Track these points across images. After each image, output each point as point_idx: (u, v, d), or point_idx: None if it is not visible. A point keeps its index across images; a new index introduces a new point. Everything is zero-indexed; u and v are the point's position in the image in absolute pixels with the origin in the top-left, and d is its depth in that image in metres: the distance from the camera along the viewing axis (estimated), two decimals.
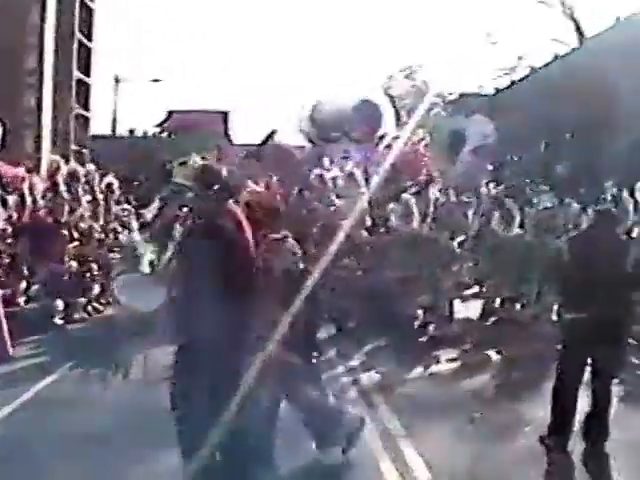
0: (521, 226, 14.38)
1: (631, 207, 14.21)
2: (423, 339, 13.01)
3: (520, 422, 8.31)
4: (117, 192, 16.74)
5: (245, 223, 6.56)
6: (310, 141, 21.94)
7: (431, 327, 13.38)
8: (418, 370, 10.94)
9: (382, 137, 20.82)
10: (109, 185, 16.46)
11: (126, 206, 16.99)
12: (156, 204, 12.83)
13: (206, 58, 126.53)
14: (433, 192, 15.00)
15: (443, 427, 8.20)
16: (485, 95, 55.61)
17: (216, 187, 6.40)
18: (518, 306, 14.12)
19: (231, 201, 6.65)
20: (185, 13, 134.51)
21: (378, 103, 21.02)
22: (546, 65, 49.70)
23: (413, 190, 14.96)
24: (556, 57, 48.82)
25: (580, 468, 7.16)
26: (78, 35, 55.70)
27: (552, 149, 47.05)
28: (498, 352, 11.97)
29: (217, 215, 6.34)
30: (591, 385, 7.49)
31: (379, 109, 20.70)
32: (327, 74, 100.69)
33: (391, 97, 32.86)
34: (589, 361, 7.40)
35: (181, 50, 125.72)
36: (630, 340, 8.95)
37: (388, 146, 19.97)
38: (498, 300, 14.42)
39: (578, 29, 46.36)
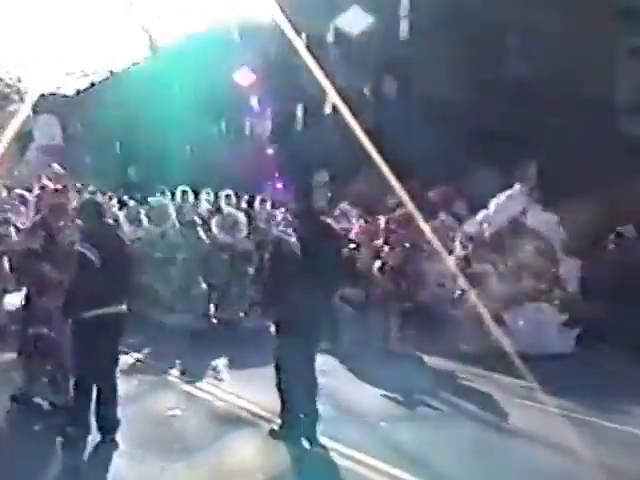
0: None
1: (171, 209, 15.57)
2: None
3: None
4: None
5: None
6: None
7: None
8: None
9: None
10: None
11: None
12: None
13: None
14: None
15: None
16: (66, 96, 55.48)
17: None
18: None
19: None
20: None
21: None
22: (124, 70, 50.98)
23: None
24: (133, 63, 50.26)
25: None
26: None
27: (126, 151, 48.26)
28: None
29: None
30: None
31: None
32: None
33: None
34: None
35: None
36: None
37: None
38: None
39: (150, 39, 47.99)
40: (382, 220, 14.45)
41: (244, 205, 16.66)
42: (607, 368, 12.32)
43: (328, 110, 32.02)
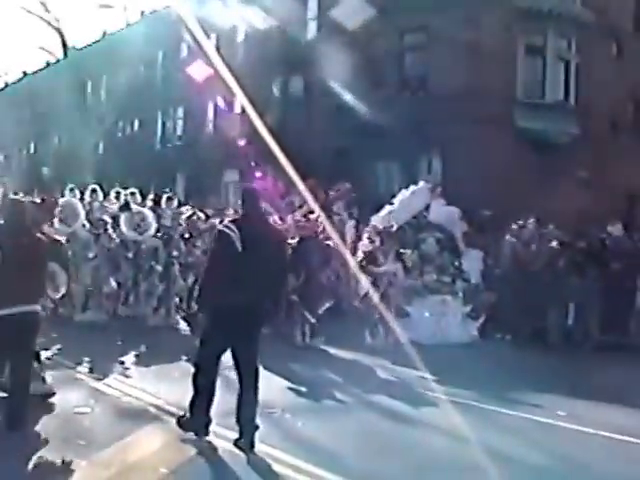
0: None
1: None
2: None
3: None
4: None
5: None
6: None
7: None
8: None
9: None
10: None
11: None
12: None
13: None
14: None
15: None
16: None
17: None
18: None
19: None
20: None
21: None
22: (37, 71, 50.37)
23: None
24: (47, 64, 49.51)
25: None
26: None
27: (41, 150, 47.57)
28: None
29: None
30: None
31: None
32: None
33: None
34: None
35: None
36: None
37: None
38: None
39: (63, 40, 47.15)
40: (287, 218, 14.71)
41: (150, 203, 16.82)
42: (509, 356, 12.74)
43: (238, 109, 31.98)
